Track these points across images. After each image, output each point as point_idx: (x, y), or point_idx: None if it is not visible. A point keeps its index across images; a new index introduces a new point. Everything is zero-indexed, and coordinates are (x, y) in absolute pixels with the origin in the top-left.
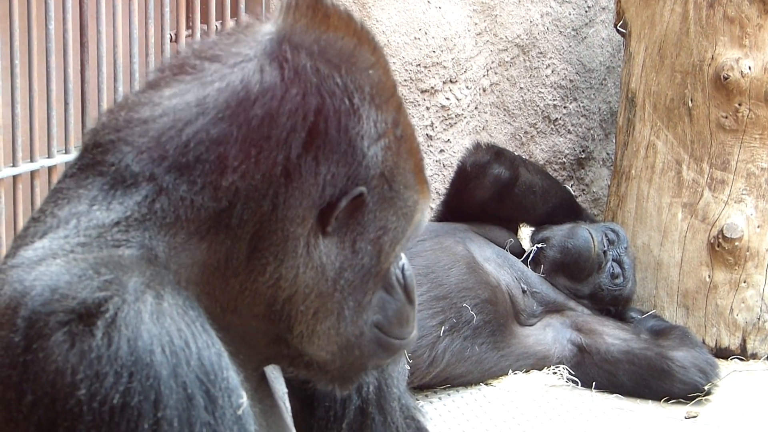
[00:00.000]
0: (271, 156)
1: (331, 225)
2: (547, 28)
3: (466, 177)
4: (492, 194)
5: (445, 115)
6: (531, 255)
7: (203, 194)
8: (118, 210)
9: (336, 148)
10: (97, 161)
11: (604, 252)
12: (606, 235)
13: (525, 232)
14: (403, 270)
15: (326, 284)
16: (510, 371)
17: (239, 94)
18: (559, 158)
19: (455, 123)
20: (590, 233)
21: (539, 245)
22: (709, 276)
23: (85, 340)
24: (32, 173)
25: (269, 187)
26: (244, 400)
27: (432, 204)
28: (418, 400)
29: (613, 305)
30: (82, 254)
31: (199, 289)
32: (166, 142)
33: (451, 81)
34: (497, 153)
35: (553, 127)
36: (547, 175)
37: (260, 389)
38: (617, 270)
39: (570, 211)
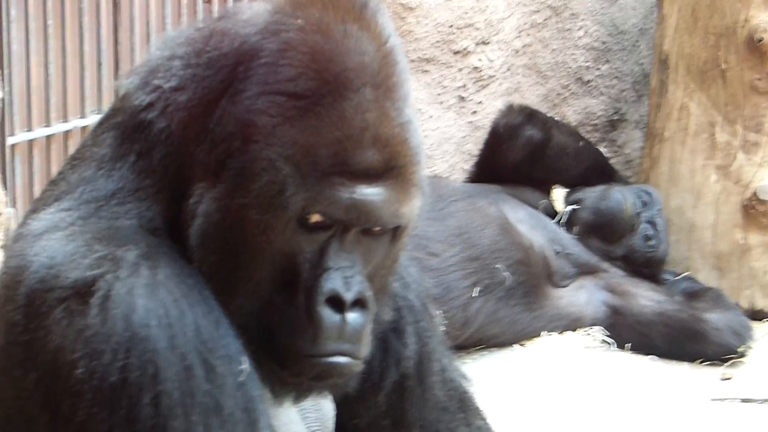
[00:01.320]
0: None
1: (212, 172)
2: None
3: (498, 139)
4: (524, 156)
5: (478, 77)
6: (564, 216)
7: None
8: (116, 177)
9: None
10: (113, 110)
11: (638, 214)
12: (639, 198)
13: (558, 194)
14: (317, 281)
15: (210, 239)
16: (543, 332)
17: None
18: (592, 120)
19: (487, 85)
20: (623, 195)
21: (572, 206)
22: (742, 238)
23: (81, 317)
24: (65, 133)
25: None
26: (246, 366)
27: (464, 166)
28: None
29: (647, 267)
30: (80, 227)
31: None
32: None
33: (483, 42)
34: (530, 114)
35: (585, 88)
36: (580, 137)
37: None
38: (650, 232)
39: (603, 173)
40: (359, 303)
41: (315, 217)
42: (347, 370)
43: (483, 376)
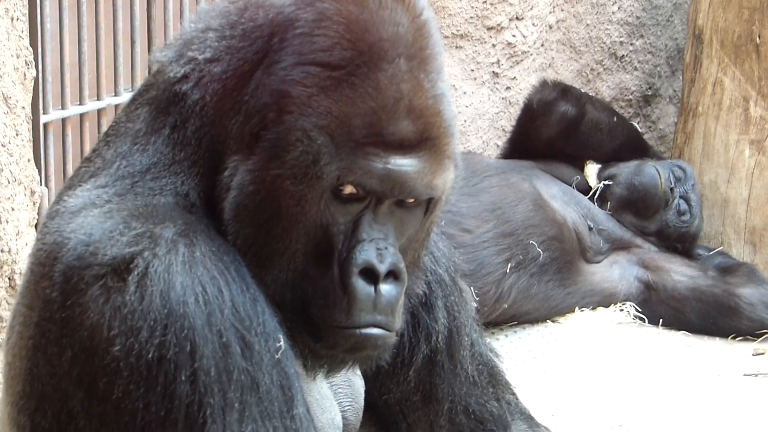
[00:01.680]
0: None
1: (246, 144)
2: None
3: (532, 114)
4: (558, 131)
5: (512, 53)
6: (598, 192)
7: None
8: (151, 151)
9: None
10: (147, 85)
11: (671, 189)
12: (673, 173)
13: (591, 170)
14: (350, 252)
15: (244, 211)
16: (576, 308)
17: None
18: (626, 95)
19: (521, 60)
20: (657, 170)
21: (606, 182)
22: None
23: (119, 295)
24: (99, 111)
25: None
26: (282, 343)
27: (498, 141)
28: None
29: (680, 242)
30: (118, 204)
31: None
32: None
33: (517, 18)
34: (563, 90)
35: (619, 64)
36: (614, 112)
37: None
38: (684, 207)
39: (637, 149)
40: (392, 275)
41: (349, 188)
42: (381, 341)
43: (516, 352)
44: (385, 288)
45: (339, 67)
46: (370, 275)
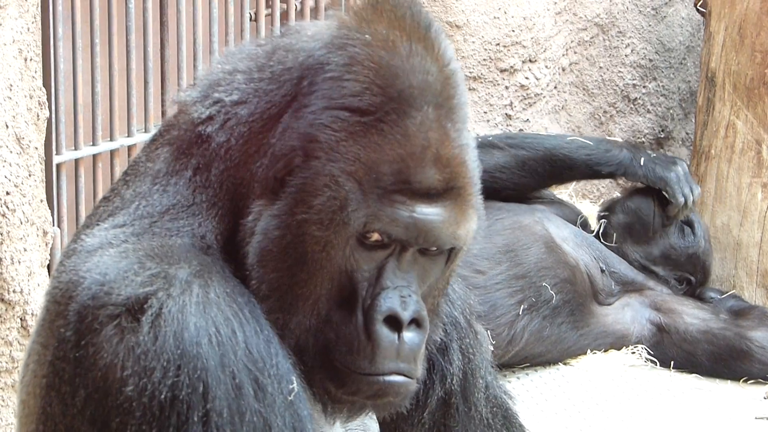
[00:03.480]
0: None
1: (271, 189)
2: (627, 7)
3: None
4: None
5: (525, 95)
6: (601, 228)
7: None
8: (171, 192)
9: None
10: (168, 125)
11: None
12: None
13: (592, 210)
14: (375, 299)
15: (269, 256)
16: (589, 351)
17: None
18: (639, 138)
19: (534, 102)
20: (649, 191)
21: (603, 213)
22: None
23: (133, 335)
24: (112, 152)
25: None
26: (295, 385)
27: None
28: None
29: (691, 270)
30: (134, 245)
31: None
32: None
33: (530, 60)
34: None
35: (632, 106)
36: (521, 144)
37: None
38: (686, 228)
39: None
40: (415, 322)
41: (375, 236)
42: (403, 389)
43: (527, 394)
44: (408, 336)
45: (368, 113)
46: (394, 323)
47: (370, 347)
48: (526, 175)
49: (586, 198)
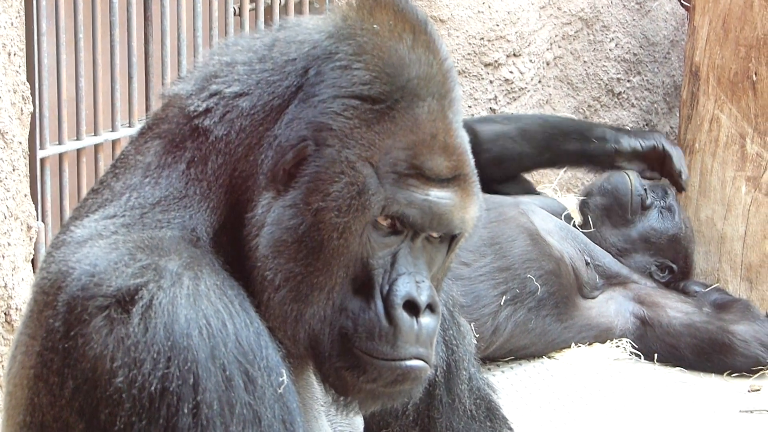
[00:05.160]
0: None
1: (280, 180)
2: (611, 2)
3: None
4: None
5: (509, 89)
6: (579, 212)
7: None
8: (163, 184)
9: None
10: (158, 118)
11: (646, 191)
12: (651, 188)
13: (575, 203)
14: (393, 285)
15: (283, 246)
16: (573, 343)
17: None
18: None
19: (519, 96)
20: (627, 173)
21: (582, 198)
22: None
23: (122, 326)
24: (96, 146)
25: None
26: (285, 377)
27: None
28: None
29: (672, 256)
30: (124, 236)
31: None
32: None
33: (514, 54)
34: None
35: (617, 100)
36: (516, 117)
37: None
38: (666, 213)
39: (569, 134)
40: (430, 307)
41: (388, 221)
42: (422, 374)
43: (512, 387)
44: (425, 320)
45: (379, 101)
46: (412, 308)
47: (393, 332)
48: (527, 144)
49: (571, 192)
